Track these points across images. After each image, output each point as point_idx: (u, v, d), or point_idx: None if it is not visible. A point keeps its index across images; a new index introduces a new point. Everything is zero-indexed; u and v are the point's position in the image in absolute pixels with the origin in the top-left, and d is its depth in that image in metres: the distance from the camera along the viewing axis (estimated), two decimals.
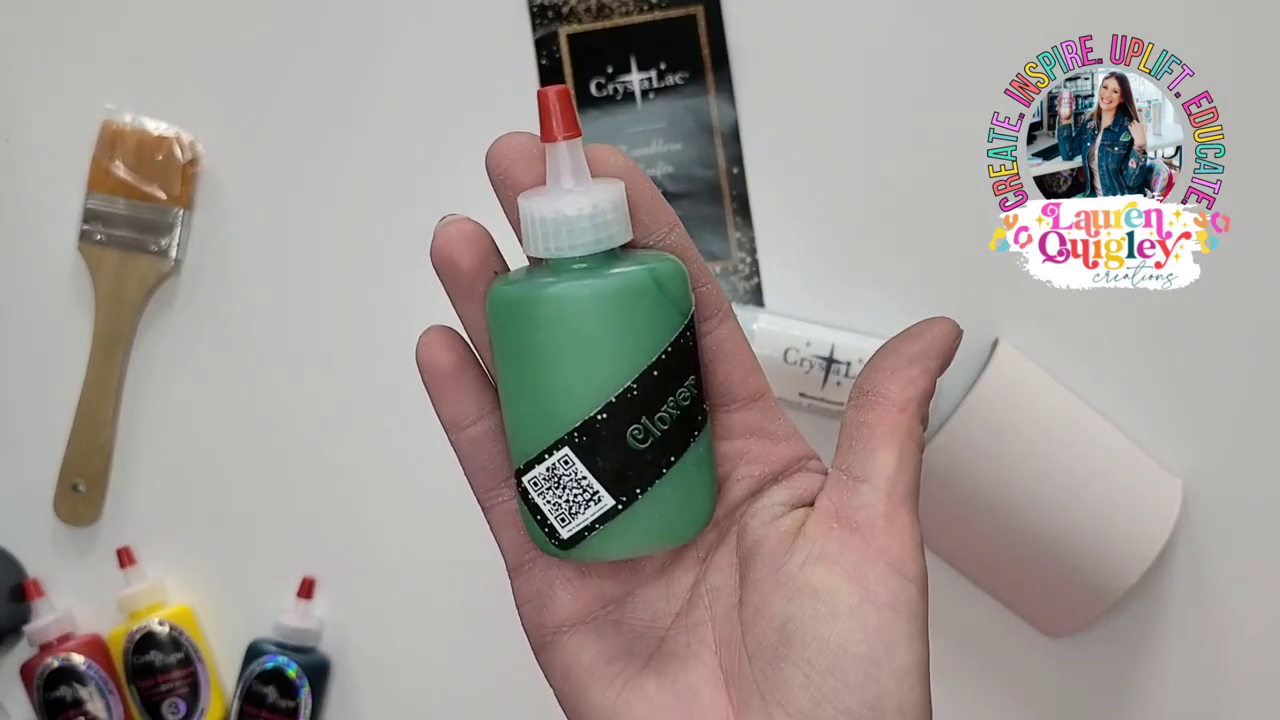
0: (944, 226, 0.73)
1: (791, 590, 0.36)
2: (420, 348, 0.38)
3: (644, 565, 0.39)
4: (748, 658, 0.37)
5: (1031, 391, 0.69)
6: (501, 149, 0.36)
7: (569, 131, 0.35)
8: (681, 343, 0.36)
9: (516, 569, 0.39)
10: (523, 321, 0.35)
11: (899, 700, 0.35)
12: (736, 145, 0.74)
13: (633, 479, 0.35)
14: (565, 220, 0.35)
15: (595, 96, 0.75)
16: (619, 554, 0.36)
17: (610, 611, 0.38)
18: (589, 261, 0.35)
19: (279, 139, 0.77)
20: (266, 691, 0.73)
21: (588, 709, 0.38)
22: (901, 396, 0.37)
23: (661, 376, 0.35)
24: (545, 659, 0.39)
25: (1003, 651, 0.73)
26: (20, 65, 0.77)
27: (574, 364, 0.35)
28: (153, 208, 0.75)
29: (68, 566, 0.77)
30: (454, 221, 0.37)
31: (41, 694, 0.74)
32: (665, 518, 0.36)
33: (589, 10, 0.75)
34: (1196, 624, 0.73)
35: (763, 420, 0.39)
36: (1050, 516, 0.66)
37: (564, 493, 0.35)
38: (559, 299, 0.35)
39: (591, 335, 0.35)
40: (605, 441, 0.35)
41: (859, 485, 0.37)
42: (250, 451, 0.77)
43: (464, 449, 0.39)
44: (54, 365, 0.76)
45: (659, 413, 0.35)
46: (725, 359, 0.38)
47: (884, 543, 0.36)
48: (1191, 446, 0.72)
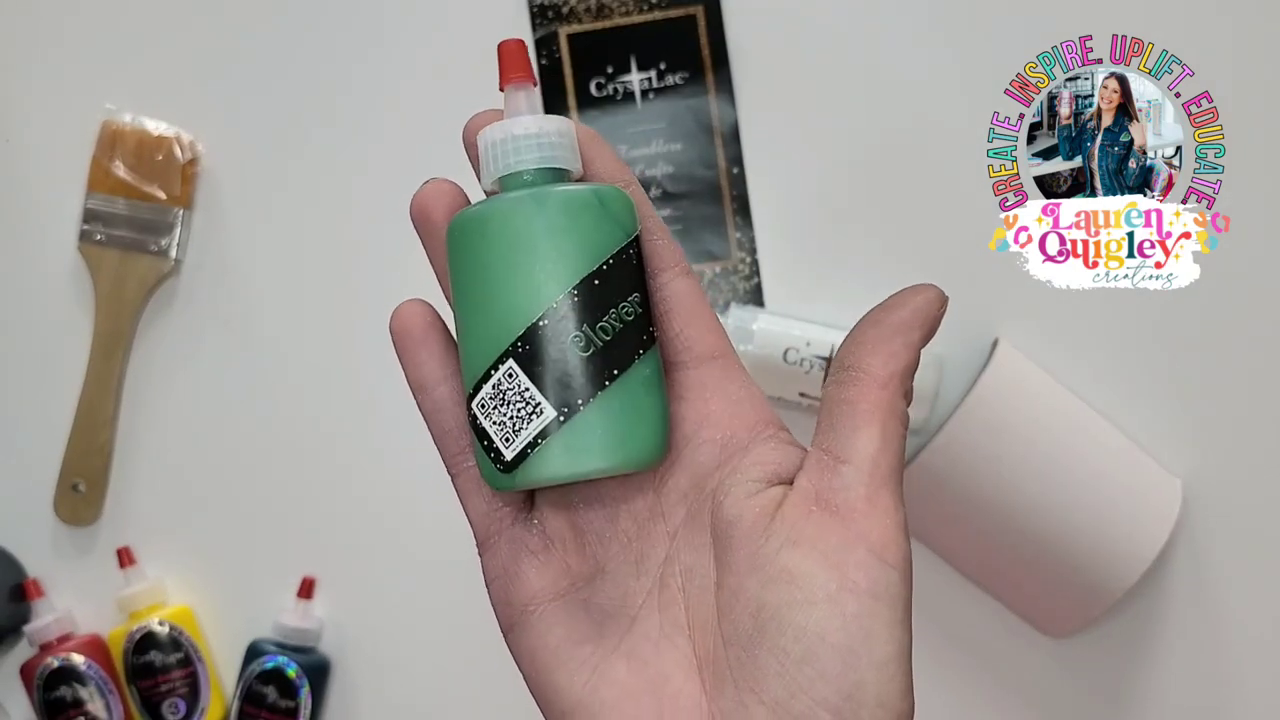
0: (944, 227, 0.73)
1: (767, 575, 0.35)
2: (393, 316, 0.39)
3: (610, 540, 0.38)
4: (723, 642, 0.35)
5: (1031, 391, 0.69)
6: (474, 123, 0.39)
7: (521, 74, 0.38)
8: (624, 258, 0.37)
9: (484, 543, 0.38)
10: (473, 239, 0.37)
11: (877, 691, 0.33)
12: (736, 145, 0.74)
13: (574, 389, 0.35)
14: (512, 139, 0.37)
15: (595, 96, 0.75)
16: (561, 472, 0.35)
17: (579, 589, 0.37)
18: (535, 179, 0.37)
19: (279, 139, 0.77)
20: (266, 691, 0.73)
21: (554, 694, 0.37)
22: (883, 372, 0.36)
23: (603, 286, 0.36)
24: (513, 640, 0.38)
25: (1003, 651, 0.73)
26: (20, 65, 0.77)
27: (518, 273, 0.36)
28: (153, 208, 0.75)
29: (68, 566, 0.77)
30: (434, 181, 0.39)
31: (41, 694, 0.74)
32: (609, 435, 0.35)
33: (589, 10, 0.75)
34: (1196, 624, 0.73)
35: (723, 379, 0.38)
36: (1050, 516, 0.66)
37: (508, 409, 0.36)
38: (505, 210, 0.36)
39: (533, 242, 0.36)
40: (547, 349, 0.35)
41: (840, 466, 0.35)
42: (250, 451, 0.77)
43: (429, 410, 0.39)
44: (54, 365, 0.77)
45: (600, 322, 0.36)
46: (682, 313, 0.38)
47: (865, 527, 0.34)
48: (1191, 446, 0.72)
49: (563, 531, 0.38)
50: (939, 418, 0.69)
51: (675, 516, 0.38)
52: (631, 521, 0.38)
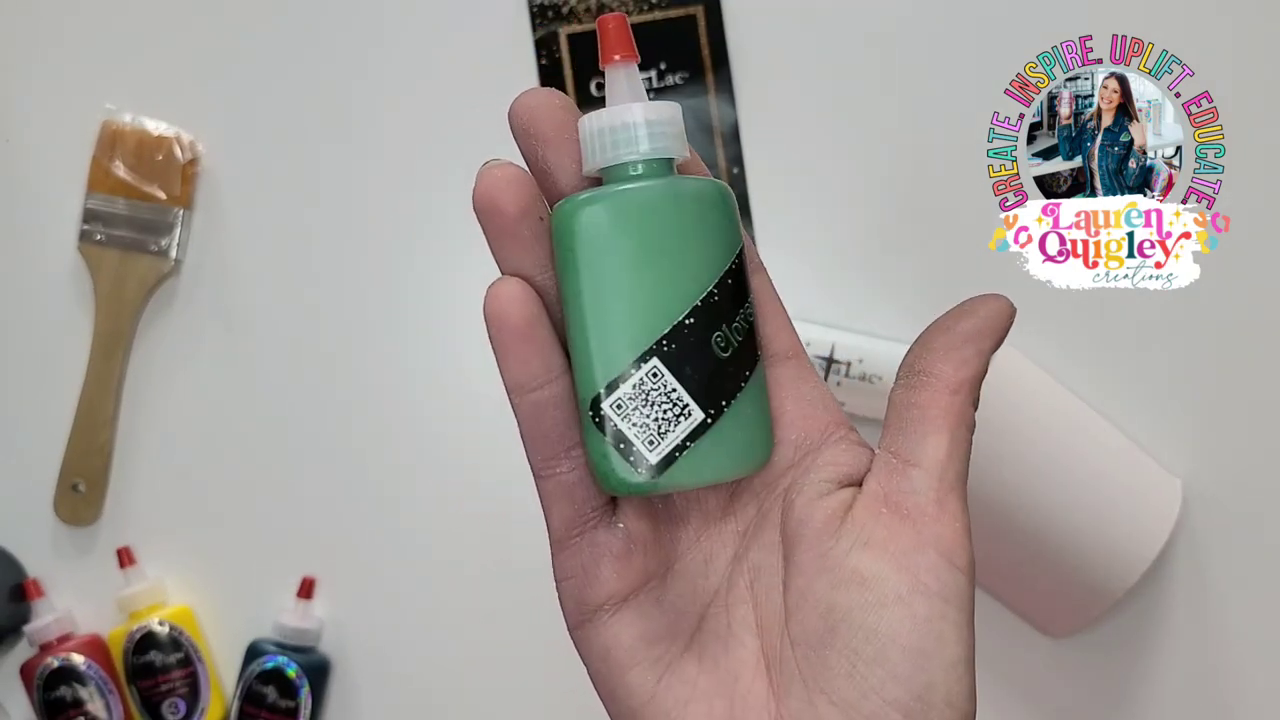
0: (944, 226, 0.73)
1: (838, 576, 0.35)
2: (490, 299, 0.35)
3: (680, 537, 0.38)
4: (790, 643, 0.35)
5: (1031, 391, 0.69)
6: (526, 101, 0.36)
7: (624, 52, 0.36)
8: (743, 257, 0.36)
9: (562, 543, 0.37)
10: (605, 232, 0.35)
11: (946, 692, 0.34)
12: (736, 145, 0.74)
13: (719, 389, 0.35)
14: (626, 126, 0.35)
15: (595, 96, 0.75)
16: (705, 477, 0.35)
17: (652, 588, 0.37)
18: (647, 169, 0.35)
19: (279, 139, 0.77)
20: (266, 691, 0.73)
21: (625, 691, 0.36)
22: (955, 378, 0.36)
23: (734, 285, 0.35)
24: (582, 636, 0.37)
25: (1003, 651, 0.73)
26: (20, 65, 0.77)
27: (661, 269, 0.35)
28: (153, 208, 0.75)
29: (68, 566, 0.77)
30: (498, 165, 0.36)
31: (41, 694, 0.74)
32: (745, 437, 0.35)
33: (589, 10, 0.75)
34: (1196, 624, 0.73)
35: (796, 379, 0.38)
36: (1050, 516, 0.66)
37: (653, 410, 0.35)
38: (641, 199, 0.35)
39: (675, 237, 0.35)
40: (694, 349, 0.35)
41: (909, 469, 0.35)
42: (250, 451, 0.77)
43: (526, 413, 0.36)
44: (54, 365, 0.77)
45: (735, 321, 0.35)
46: (761, 311, 0.38)
47: (935, 531, 0.35)
48: (1191, 446, 0.72)
49: (646, 533, 0.37)
50: None
51: (746, 515, 0.38)
52: (702, 519, 0.38)
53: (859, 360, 0.68)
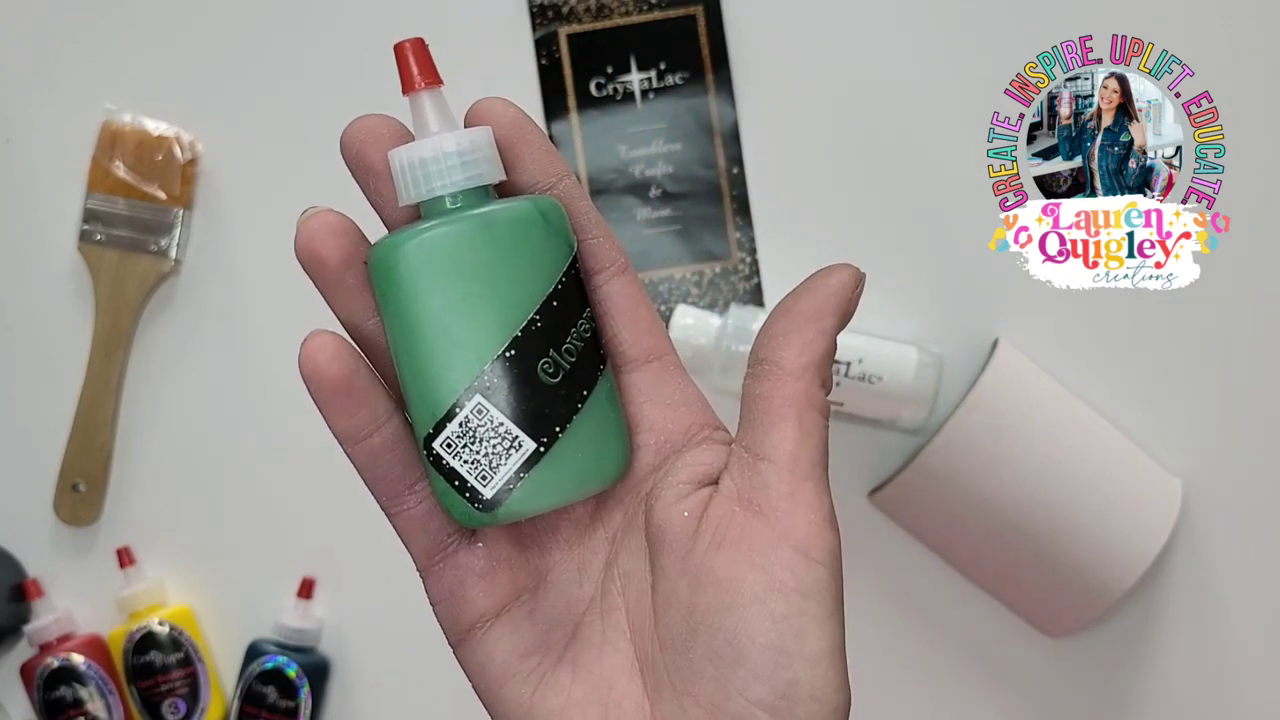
0: (944, 226, 0.73)
1: (696, 578, 0.34)
2: (303, 357, 0.35)
3: (551, 548, 0.38)
4: (659, 646, 0.35)
5: (1031, 392, 0.69)
6: (354, 131, 0.36)
7: (428, 79, 0.36)
8: (573, 274, 0.35)
9: (427, 570, 0.37)
10: (414, 272, 0.34)
11: (811, 687, 0.33)
12: (736, 145, 0.74)
13: (550, 417, 0.34)
14: (435, 159, 0.35)
15: (595, 96, 0.75)
16: (546, 503, 0.35)
17: (524, 602, 0.37)
18: (464, 200, 0.35)
19: (279, 139, 0.77)
20: (266, 691, 0.73)
21: (504, 705, 0.37)
22: (797, 364, 0.35)
23: (561, 307, 0.35)
24: (461, 654, 0.37)
25: (1003, 651, 0.73)
26: (20, 65, 0.77)
27: (474, 303, 0.34)
28: (152, 208, 0.75)
29: (68, 566, 0.77)
30: (316, 213, 0.36)
31: (41, 694, 0.74)
32: (587, 458, 0.35)
33: (589, 10, 0.75)
34: (1196, 624, 0.73)
35: (658, 383, 0.37)
36: (1050, 516, 0.66)
37: (481, 446, 0.34)
38: (450, 237, 0.34)
39: (489, 269, 0.34)
40: (518, 380, 0.34)
41: (759, 463, 0.35)
42: (250, 451, 0.77)
43: (362, 461, 0.36)
44: (54, 365, 0.77)
45: (564, 344, 0.35)
46: (618, 315, 0.37)
47: (788, 525, 0.34)
48: (1191, 446, 0.72)
49: (507, 550, 0.37)
50: (939, 418, 0.69)
51: (613, 522, 0.38)
52: (573, 529, 0.38)
53: (859, 360, 0.68)
